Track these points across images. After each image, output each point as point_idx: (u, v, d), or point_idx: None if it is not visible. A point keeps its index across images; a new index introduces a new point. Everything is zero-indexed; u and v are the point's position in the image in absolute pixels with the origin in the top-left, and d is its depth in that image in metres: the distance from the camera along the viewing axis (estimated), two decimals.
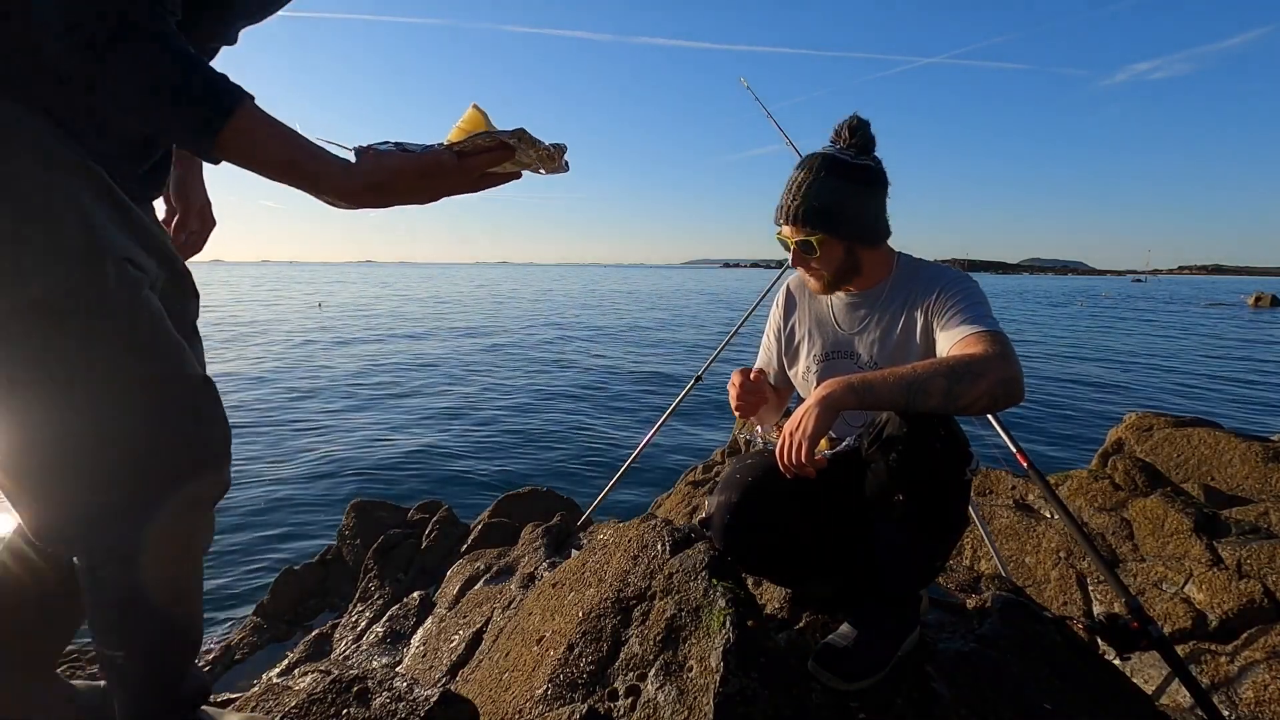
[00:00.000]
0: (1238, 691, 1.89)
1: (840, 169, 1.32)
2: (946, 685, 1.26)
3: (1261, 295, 39.17)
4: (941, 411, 1.15)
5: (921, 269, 1.41)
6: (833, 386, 1.14)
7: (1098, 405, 9.38)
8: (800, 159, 1.39)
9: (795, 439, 1.12)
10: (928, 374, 1.12)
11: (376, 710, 1.14)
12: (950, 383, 1.11)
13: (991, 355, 1.14)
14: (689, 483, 3.93)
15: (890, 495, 1.15)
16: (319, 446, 7.00)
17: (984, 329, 1.20)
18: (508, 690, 1.43)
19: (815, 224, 1.32)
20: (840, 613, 1.50)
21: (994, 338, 1.19)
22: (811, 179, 1.33)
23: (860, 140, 1.36)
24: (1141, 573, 2.54)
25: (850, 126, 1.37)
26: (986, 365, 1.13)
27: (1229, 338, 20.73)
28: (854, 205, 1.33)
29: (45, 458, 0.82)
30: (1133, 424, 3.98)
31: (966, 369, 1.12)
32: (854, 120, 1.37)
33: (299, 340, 16.73)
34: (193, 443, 0.92)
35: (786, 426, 1.16)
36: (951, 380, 1.11)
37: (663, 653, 1.14)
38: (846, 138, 1.36)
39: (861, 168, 1.34)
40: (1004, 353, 1.16)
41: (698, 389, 3.69)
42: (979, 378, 1.11)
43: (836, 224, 1.33)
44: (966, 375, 1.12)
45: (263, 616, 2.81)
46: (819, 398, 1.13)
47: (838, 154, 1.34)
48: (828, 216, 1.32)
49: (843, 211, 1.32)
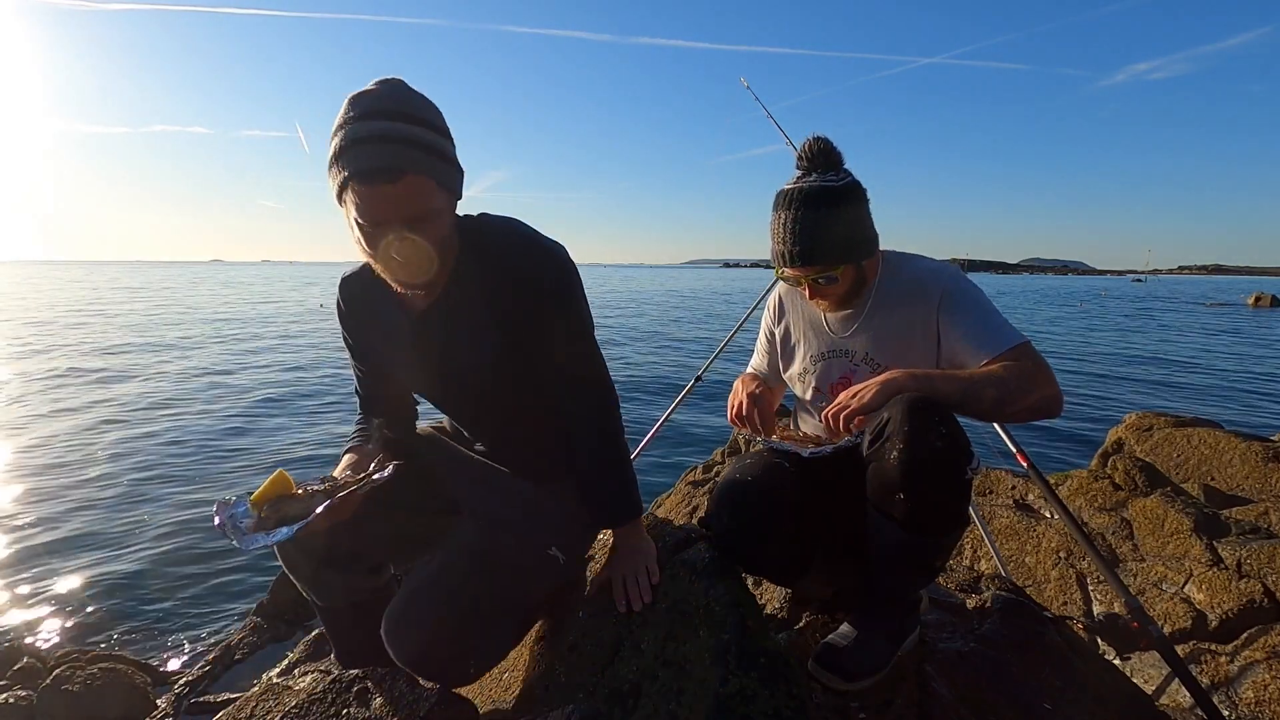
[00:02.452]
0: (1238, 691, 1.89)
1: (834, 198, 1.31)
2: (946, 685, 1.26)
3: (1261, 295, 39.16)
4: (984, 418, 1.25)
5: (905, 265, 1.42)
6: (896, 374, 1.22)
7: (1098, 405, 9.38)
8: (781, 197, 1.36)
9: (852, 408, 1.20)
10: (982, 383, 1.19)
11: (376, 710, 1.14)
12: (1001, 393, 1.19)
13: (1038, 374, 1.22)
14: (689, 483, 3.93)
15: (890, 494, 1.15)
16: (319, 446, 7.00)
17: (1018, 343, 1.26)
18: (508, 690, 1.43)
19: (835, 259, 1.33)
20: (840, 613, 1.50)
21: (1033, 353, 1.25)
22: (809, 219, 1.31)
23: (830, 160, 1.35)
24: (1141, 573, 2.54)
25: (818, 150, 1.35)
26: (1034, 383, 1.20)
27: (1229, 337, 20.73)
28: (858, 227, 1.34)
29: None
30: (1133, 424, 3.98)
31: (1018, 385, 1.19)
32: (817, 143, 1.36)
33: (300, 340, 16.74)
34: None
35: (845, 394, 1.24)
36: (1003, 392, 1.19)
37: (663, 652, 1.14)
38: (820, 163, 1.35)
39: (848, 189, 1.33)
40: (1046, 369, 1.23)
41: (698, 389, 3.70)
42: (1028, 394, 1.19)
43: (853, 251, 1.34)
44: (1018, 390, 1.19)
45: (263, 616, 2.80)
46: (883, 380, 1.21)
47: (824, 184, 1.32)
48: (845, 248, 1.33)
49: (852, 237, 1.33)
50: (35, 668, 2.47)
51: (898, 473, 1.12)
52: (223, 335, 17.47)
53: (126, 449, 6.67)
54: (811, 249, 1.31)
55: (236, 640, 2.65)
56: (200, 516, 4.92)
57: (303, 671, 1.41)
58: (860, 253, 1.35)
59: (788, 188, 1.36)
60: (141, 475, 5.85)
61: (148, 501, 5.25)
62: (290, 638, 2.67)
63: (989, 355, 1.25)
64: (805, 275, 1.36)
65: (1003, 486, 3.25)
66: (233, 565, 4.16)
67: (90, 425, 7.54)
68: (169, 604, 3.68)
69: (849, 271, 1.36)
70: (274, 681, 1.33)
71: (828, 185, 1.32)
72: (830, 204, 1.31)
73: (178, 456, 6.42)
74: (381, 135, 0.99)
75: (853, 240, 1.33)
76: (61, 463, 6.16)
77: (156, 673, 2.62)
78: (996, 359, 1.24)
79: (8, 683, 2.32)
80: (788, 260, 1.35)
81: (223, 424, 7.61)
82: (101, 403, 8.73)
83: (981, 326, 1.29)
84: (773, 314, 1.64)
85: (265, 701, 1.22)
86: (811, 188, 1.32)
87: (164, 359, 12.95)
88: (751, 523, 1.29)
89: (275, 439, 7.12)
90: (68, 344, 14.81)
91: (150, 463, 6.20)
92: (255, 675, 2.38)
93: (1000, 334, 1.27)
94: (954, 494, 1.15)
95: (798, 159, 1.39)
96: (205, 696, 2.25)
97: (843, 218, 1.31)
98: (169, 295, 37.33)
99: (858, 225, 1.34)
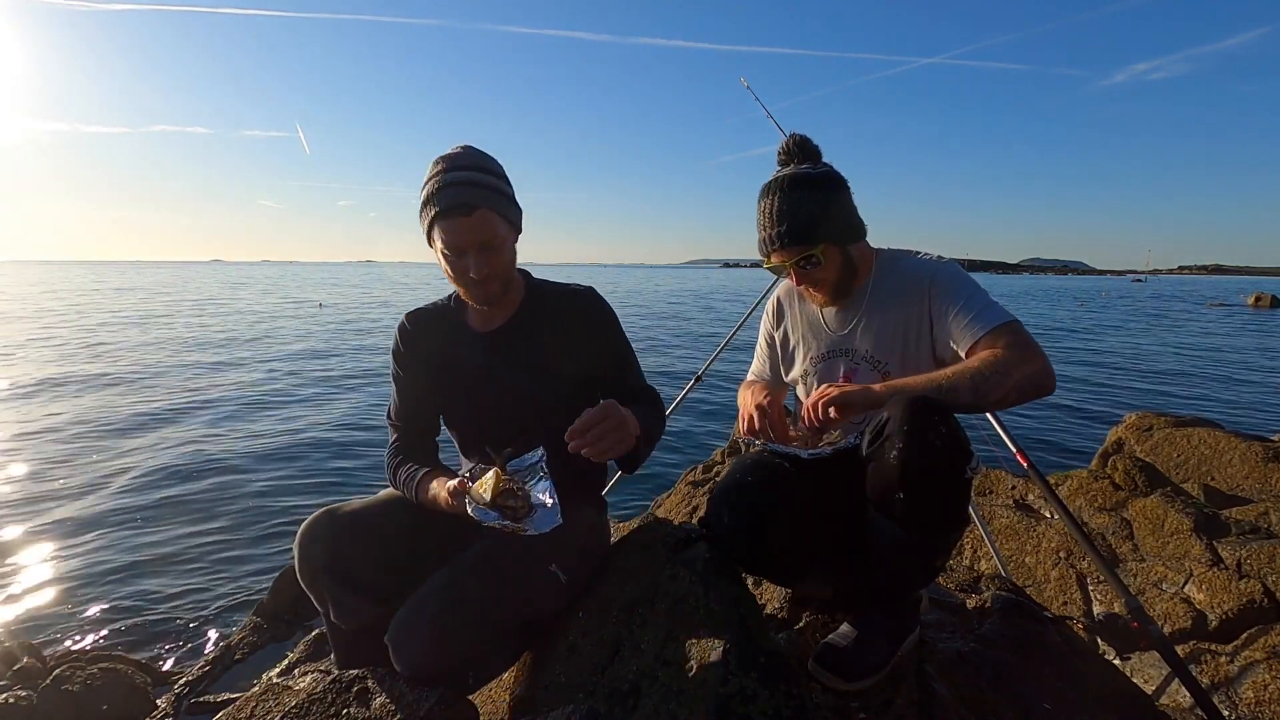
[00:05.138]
0: (1238, 691, 1.89)
1: (810, 182, 1.37)
2: (946, 685, 1.26)
3: (1261, 295, 39.13)
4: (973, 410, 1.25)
5: (901, 261, 1.44)
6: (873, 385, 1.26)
7: (1098, 405, 9.37)
8: (763, 189, 1.43)
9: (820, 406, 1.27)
10: (955, 380, 1.20)
11: (376, 710, 1.14)
12: (977, 382, 1.19)
13: (1012, 354, 1.21)
14: (689, 483, 3.93)
15: (890, 494, 1.15)
16: (320, 445, 7.00)
17: (998, 324, 1.26)
18: (508, 690, 1.43)
19: (814, 237, 1.36)
20: (840, 613, 1.50)
21: (1012, 332, 1.25)
22: (789, 200, 1.36)
23: (809, 153, 1.43)
24: (1141, 573, 2.54)
25: (796, 144, 1.44)
26: (1009, 365, 1.20)
27: (1229, 337, 20.73)
28: (837, 208, 1.38)
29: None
30: (1133, 424, 3.98)
31: (995, 369, 1.19)
32: (796, 138, 1.44)
33: (301, 340, 16.74)
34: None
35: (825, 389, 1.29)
36: (978, 380, 1.19)
37: (663, 653, 1.14)
38: (798, 155, 1.42)
39: (826, 176, 1.39)
40: (1025, 346, 1.22)
41: (698, 389, 3.70)
42: (1006, 377, 1.19)
43: (832, 230, 1.37)
44: (991, 378, 1.19)
45: (263, 616, 2.80)
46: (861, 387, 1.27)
47: (799, 171, 1.39)
48: (825, 227, 1.36)
49: (831, 217, 1.36)
50: (35, 668, 2.47)
51: (897, 472, 1.12)
52: (221, 337, 17.48)
53: (127, 449, 6.67)
54: (792, 228, 1.35)
55: (236, 640, 2.65)
56: (200, 516, 4.92)
57: (303, 671, 1.41)
58: (842, 234, 1.38)
59: (768, 180, 1.42)
60: (142, 475, 5.85)
61: (148, 501, 5.25)
62: (290, 638, 2.67)
63: (975, 336, 1.27)
64: (790, 258, 1.38)
65: (1003, 486, 3.25)
66: (232, 565, 4.16)
67: (90, 425, 7.54)
68: (169, 604, 3.68)
69: (834, 254, 1.38)
70: (274, 681, 1.34)
71: (806, 172, 1.38)
72: (808, 187, 1.36)
73: (178, 456, 6.42)
74: (458, 181, 1.29)
75: (833, 220, 1.36)
76: (62, 463, 6.17)
77: (156, 673, 2.62)
78: (983, 339, 1.26)
79: (8, 683, 2.32)
80: (772, 243, 1.39)
81: (223, 423, 7.63)
82: (102, 403, 8.74)
83: (968, 309, 1.30)
84: (771, 317, 1.64)
85: (265, 701, 1.22)
86: (789, 175, 1.38)
87: (165, 360, 12.95)
88: (751, 523, 1.29)
89: (275, 439, 7.13)
90: (67, 344, 14.83)
91: (151, 462, 6.20)
92: (255, 675, 2.38)
93: (986, 315, 1.29)
94: (954, 493, 1.15)
95: (778, 155, 1.46)
96: (205, 696, 2.25)
97: (821, 199, 1.36)
98: (166, 296, 37.34)
99: (837, 208, 1.37)
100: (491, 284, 1.37)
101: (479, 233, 1.30)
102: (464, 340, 1.50)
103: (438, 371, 1.51)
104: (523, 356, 1.45)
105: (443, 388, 1.51)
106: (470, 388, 1.48)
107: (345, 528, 1.34)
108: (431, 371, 1.51)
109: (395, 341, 1.54)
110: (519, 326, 1.48)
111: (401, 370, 1.54)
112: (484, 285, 1.35)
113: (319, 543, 1.32)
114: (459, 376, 1.49)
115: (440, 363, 1.50)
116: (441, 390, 1.52)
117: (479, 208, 1.29)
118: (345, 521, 1.35)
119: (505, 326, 1.48)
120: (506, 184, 1.38)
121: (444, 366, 1.50)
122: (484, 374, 1.47)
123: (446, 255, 1.33)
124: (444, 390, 1.51)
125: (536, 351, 1.45)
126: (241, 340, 16.40)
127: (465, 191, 1.28)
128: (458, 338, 1.51)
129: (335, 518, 1.35)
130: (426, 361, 1.52)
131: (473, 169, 1.32)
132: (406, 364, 1.53)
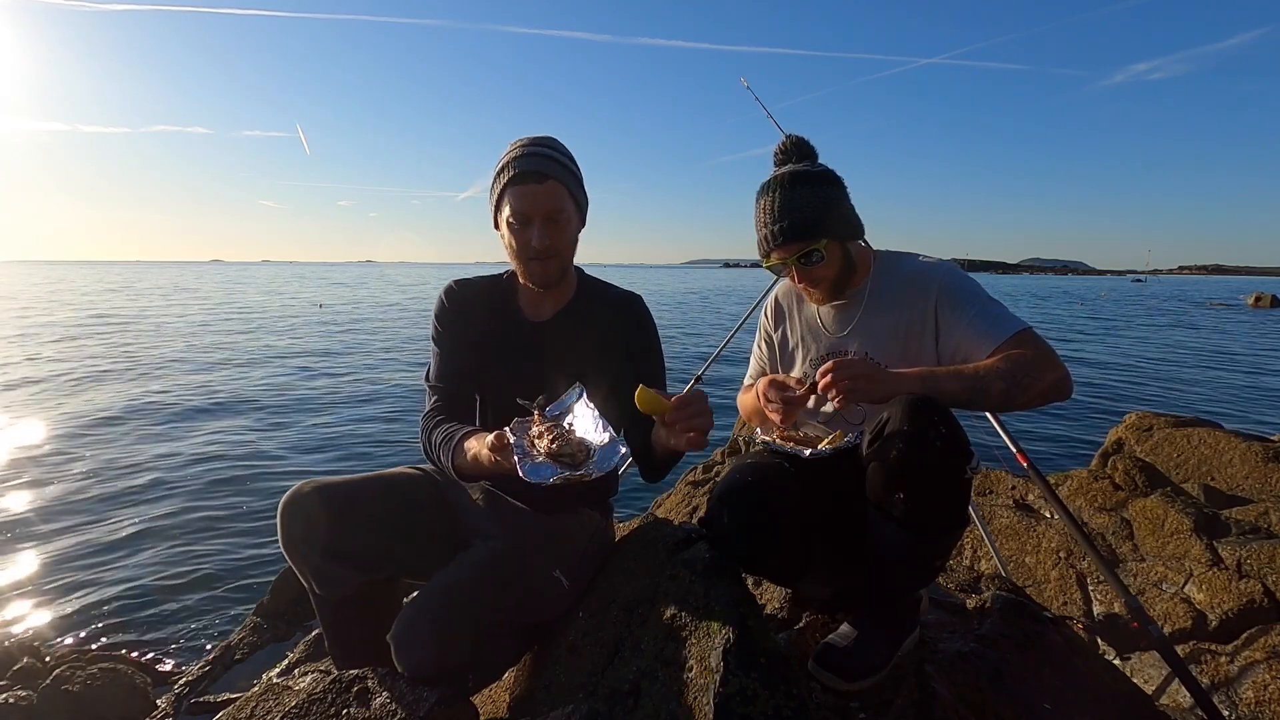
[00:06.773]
0: (1238, 691, 1.89)
1: (810, 178, 1.38)
2: (946, 685, 1.26)
3: (1261, 295, 39.11)
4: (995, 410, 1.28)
5: (901, 262, 1.44)
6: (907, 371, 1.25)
7: (1098, 405, 9.37)
8: (761, 188, 1.43)
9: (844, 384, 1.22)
10: (989, 376, 1.21)
11: (376, 710, 1.14)
12: (1009, 384, 1.21)
13: (1041, 359, 1.23)
14: (689, 483, 3.93)
15: (890, 494, 1.15)
16: (320, 446, 7.00)
17: (1019, 330, 1.27)
18: (508, 690, 1.43)
19: (816, 232, 1.36)
20: (840, 613, 1.50)
21: (1035, 339, 1.27)
22: (790, 197, 1.37)
23: (805, 153, 1.44)
24: (1141, 573, 2.54)
25: (792, 144, 1.45)
26: (1040, 370, 1.22)
27: (1229, 337, 20.73)
28: (837, 204, 1.38)
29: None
30: (1133, 424, 3.98)
31: (1025, 374, 1.21)
32: (793, 138, 1.46)
33: (303, 339, 16.74)
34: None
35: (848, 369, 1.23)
36: (1010, 383, 1.21)
37: (663, 653, 1.14)
38: (795, 155, 1.44)
39: (823, 174, 1.40)
40: (1050, 353, 1.25)
41: (697, 389, 3.69)
42: (1035, 381, 1.21)
43: (834, 226, 1.37)
44: (1025, 379, 1.21)
45: (263, 616, 2.80)
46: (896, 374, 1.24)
47: (798, 168, 1.40)
48: (822, 222, 1.36)
49: (832, 213, 1.37)
50: (35, 668, 2.47)
51: (897, 472, 1.12)
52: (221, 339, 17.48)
53: (125, 449, 6.67)
54: (794, 224, 1.35)
55: (236, 640, 2.65)
56: (200, 516, 4.92)
57: (303, 671, 1.41)
58: (842, 230, 1.38)
59: (766, 178, 1.42)
60: (141, 475, 5.85)
61: (147, 501, 5.25)
62: (290, 638, 2.67)
63: (992, 344, 1.27)
64: (791, 254, 1.38)
65: (1003, 486, 3.25)
66: (233, 565, 4.16)
67: (90, 426, 7.54)
68: (169, 604, 3.68)
69: (834, 250, 1.38)
70: (274, 681, 1.34)
71: (803, 169, 1.39)
72: (808, 183, 1.37)
73: (178, 457, 6.43)
74: (532, 154, 1.34)
75: (832, 216, 1.37)
76: (61, 463, 6.16)
77: (156, 673, 2.62)
78: (1000, 347, 1.26)
79: (8, 683, 2.32)
80: (773, 239, 1.38)
81: (222, 424, 7.63)
82: (99, 403, 8.73)
83: (982, 316, 1.31)
84: (770, 319, 1.64)
85: (265, 701, 1.22)
86: (789, 172, 1.39)
87: (164, 360, 12.95)
88: (751, 523, 1.29)
89: (275, 439, 7.13)
90: (60, 341, 14.82)
91: (149, 463, 6.20)
92: (255, 675, 2.38)
93: (1002, 322, 1.29)
94: (954, 493, 1.15)
95: (774, 156, 1.47)
96: (205, 696, 2.25)
97: (822, 195, 1.36)
98: (166, 296, 37.32)
99: (836, 204, 1.38)
100: (551, 262, 1.38)
101: (549, 201, 1.33)
102: (513, 321, 1.51)
103: (480, 344, 1.49)
104: (569, 351, 1.46)
105: (484, 363, 1.49)
106: (513, 370, 1.47)
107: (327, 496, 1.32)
108: (474, 342, 1.50)
109: (440, 302, 1.52)
110: (569, 321, 1.49)
111: (443, 329, 1.51)
112: (544, 262, 1.37)
113: (300, 510, 1.30)
114: (502, 356, 1.48)
115: (484, 336, 1.49)
116: (483, 365, 1.50)
117: (551, 177, 1.32)
118: (327, 490, 1.33)
119: (556, 318, 1.49)
120: (579, 171, 1.42)
121: (488, 341, 1.49)
122: (528, 361, 1.47)
123: (512, 224, 1.34)
124: (485, 365, 1.49)
125: (583, 349, 1.46)
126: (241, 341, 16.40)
127: (540, 161, 1.32)
128: (507, 317, 1.51)
129: (317, 486, 1.34)
130: (472, 330, 1.50)
131: (549, 148, 1.37)
132: (449, 324, 1.51)
